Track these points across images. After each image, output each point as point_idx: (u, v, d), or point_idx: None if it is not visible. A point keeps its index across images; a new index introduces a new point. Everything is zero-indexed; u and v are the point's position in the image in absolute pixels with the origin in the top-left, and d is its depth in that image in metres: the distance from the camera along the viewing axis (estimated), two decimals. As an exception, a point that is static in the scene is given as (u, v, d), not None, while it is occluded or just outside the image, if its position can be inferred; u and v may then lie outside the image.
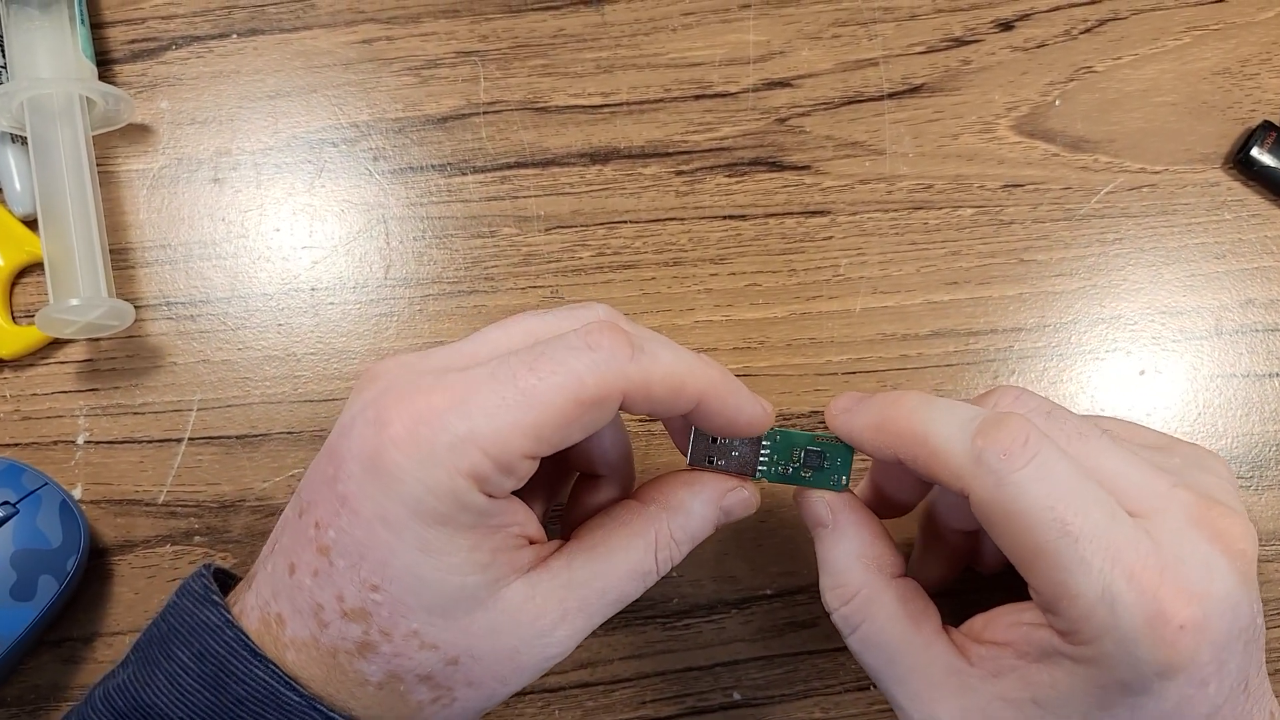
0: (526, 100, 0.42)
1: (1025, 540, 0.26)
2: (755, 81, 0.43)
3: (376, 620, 0.26)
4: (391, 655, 0.26)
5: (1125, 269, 0.42)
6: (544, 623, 0.27)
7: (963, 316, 0.41)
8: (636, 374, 0.26)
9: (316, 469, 0.27)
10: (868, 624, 0.30)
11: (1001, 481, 0.26)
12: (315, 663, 0.26)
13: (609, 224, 0.42)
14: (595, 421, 0.26)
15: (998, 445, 0.26)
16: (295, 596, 0.26)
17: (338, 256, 0.41)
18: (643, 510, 0.29)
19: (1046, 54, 0.44)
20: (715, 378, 0.28)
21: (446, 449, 0.24)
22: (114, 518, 0.39)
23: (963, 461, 0.27)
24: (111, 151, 0.42)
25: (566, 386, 0.25)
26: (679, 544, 0.29)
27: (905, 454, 0.28)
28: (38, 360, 0.40)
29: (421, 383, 0.26)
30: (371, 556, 0.25)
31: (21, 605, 0.35)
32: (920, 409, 0.28)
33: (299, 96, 0.42)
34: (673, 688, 0.38)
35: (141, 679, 0.27)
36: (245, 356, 0.40)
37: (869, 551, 0.30)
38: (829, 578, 0.31)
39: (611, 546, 0.28)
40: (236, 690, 0.26)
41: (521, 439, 0.25)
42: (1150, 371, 0.41)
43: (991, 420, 0.27)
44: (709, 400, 0.28)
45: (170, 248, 0.41)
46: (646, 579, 0.29)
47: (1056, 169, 0.42)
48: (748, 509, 0.31)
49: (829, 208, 0.42)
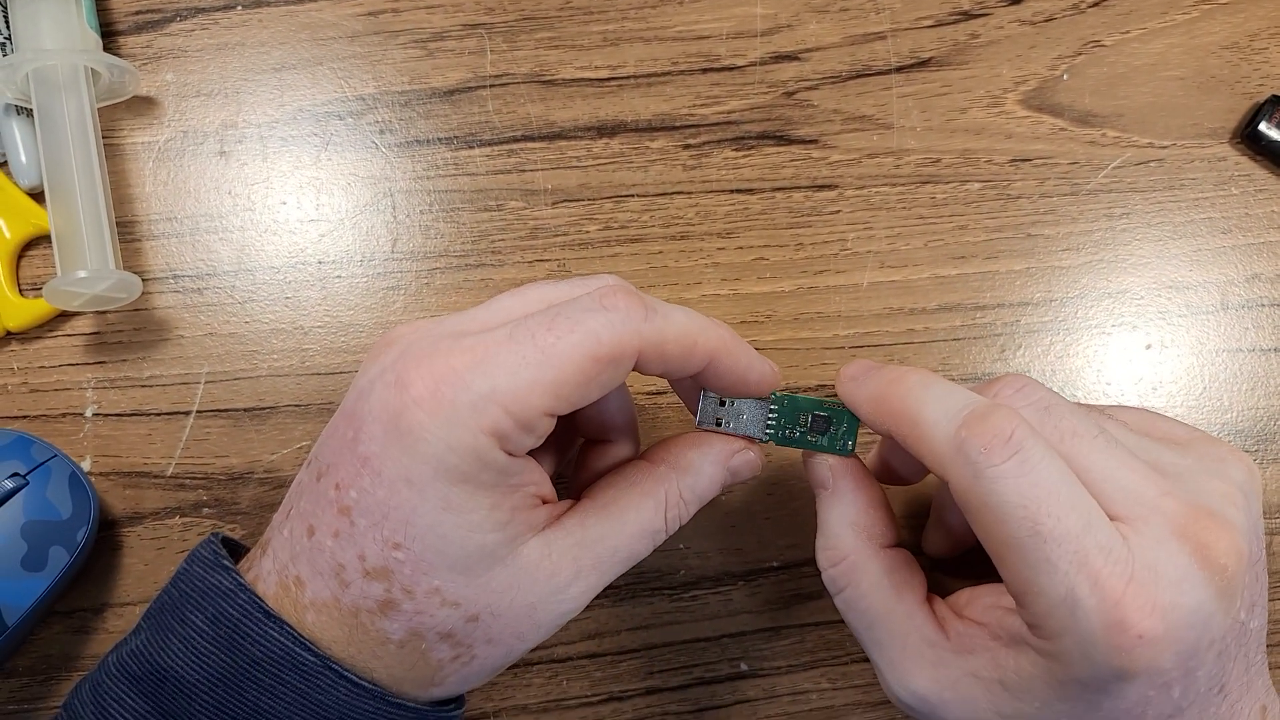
0: (533, 73, 0.42)
1: (996, 533, 0.26)
2: (763, 55, 0.43)
3: (399, 578, 0.26)
4: (414, 613, 0.26)
5: (1132, 244, 0.42)
6: (559, 579, 0.27)
7: (969, 291, 0.41)
8: (651, 332, 0.27)
9: (334, 433, 0.27)
10: (851, 589, 0.30)
11: (978, 474, 0.26)
12: (336, 623, 0.27)
13: (616, 198, 0.41)
14: (612, 379, 0.27)
15: (979, 439, 0.26)
16: (315, 558, 0.27)
17: (344, 230, 0.41)
18: (653, 470, 0.30)
19: (1054, 28, 0.43)
20: (725, 337, 0.29)
21: (468, 408, 0.25)
22: (123, 490, 0.39)
23: (944, 449, 0.27)
24: (117, 124, 0.41)
25: (584, 344, 0.26)
26: (687, 503, 0.30)
27: (896, 432, 0.29)
28: (45, 333, 0.40)
29: (440, 345, 0.26)
30: (394, 515, 0.26)
31: (33, 576, 0.35)
32: (917, 389, 0.29)
33: (304, 69, 0.42)
34: (680, 658, 0.38)
35: (156, 644, 0.27)
36: (253, 329, 0.40)
37: (861, 519, 0.31)
38: (822, 539, 0.31)
39: (623, 505, 0.29)
40: (252, 651, 0.26)
41: (542, 396, 0.25)
42: (1156, 346, 0.41)
43: (979, 412, 0.27)
44: (719, 359, 0.28)
45: (176, 220, 0.41)
46: (656, 537, 0.29)
47: (1064, 143, 0.42)
48: (753, 470, 0.31)
49: (836, 182, 0.42)
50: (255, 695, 0.26)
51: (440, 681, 0.28)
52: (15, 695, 0.37)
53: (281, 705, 0.26)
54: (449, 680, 0.28)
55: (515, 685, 0.38)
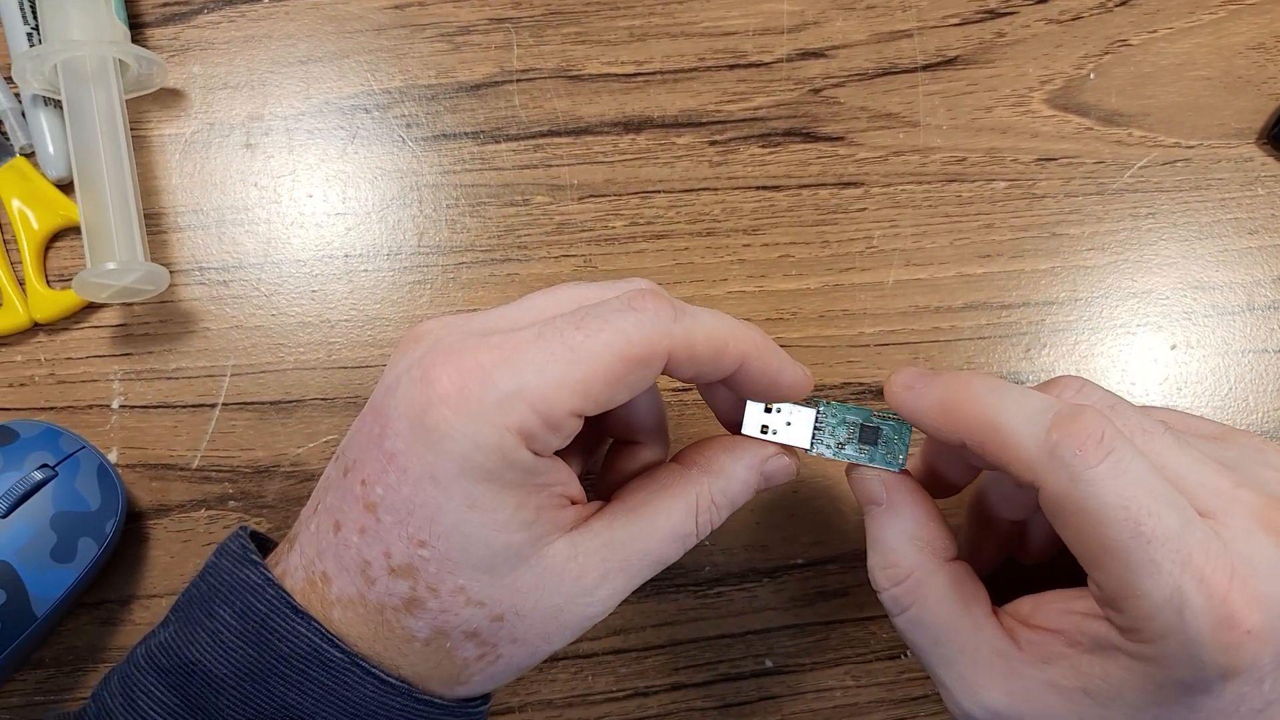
0: (560, 68, 0.42)
1: (1095, 537, 0.25)
2: (789, 51, 0.43)
3: (424, 576, 0.26)
4: (438, 611, 0.26)
5: (1158, 244, 0.42)
6: (586, 581, 0.27)
7: (995, 289, 0.41)
8: (680, 334, 0.26)
9: (361, 428, 0.27)
10: (918, 606, 0.29)
11: (1075, 477, 0.25)
12: (362, 620, 0.27)
13: (642, 193, 0.41)
14: (641, 381, 0.26)
15: (1073, 440, 0.26)
16: (341, 554, 0.27)
17: (371, 223, 0.41)
18: (684, 473, 0.30)
19: (1081, 27, 0.43)
20: (756, 340, 0.28)
21: (494, 405, 0.25)
22: (149, 482, 0.39)
23: (1035, 454, 0.26)
24: (144, 116, 0.41)
25: (614, 344, 0.25)
26: (719, 508, 0.29)
27: (972, 439, 0.28)
28: (72, 324, 0.40)
29: (468, 342, 0.26)
30: (419, 513, 0.25)
31: (63, 567, 0.35)
32: (990, 394, 0.28)
33: (331, 62, 0.42)
34: (705, 655, 0.39)
35: (184, 637, 0.27)
36: (279, 322, 0.40)
37: (923, 533, 0.30)
38: (880, 557, 0.30)
39: (653, 508, 0.29)
40: (279, 647, 0.26)
41: (570, 396, 0.25)
42: (1182, 346, 0.41)
43: (1067, 413, 0.26)
44: (751, 361, 0.28)
45: (203, 213, 0.41)
46: (686, 541, 0.29)
47: (1090, 143, 0.42)
48: (788, 475, 0.31)
49: (862, 179, 0.42)
50: (282, 690, 0.26)
51: (466, 680, 0.27)
52: (42, 686, 0.37)
53: (309, 701, 0.26)
54: (474, 679, 0.27)
55: (541, 680, 0.38)
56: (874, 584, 0.31)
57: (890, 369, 0.40)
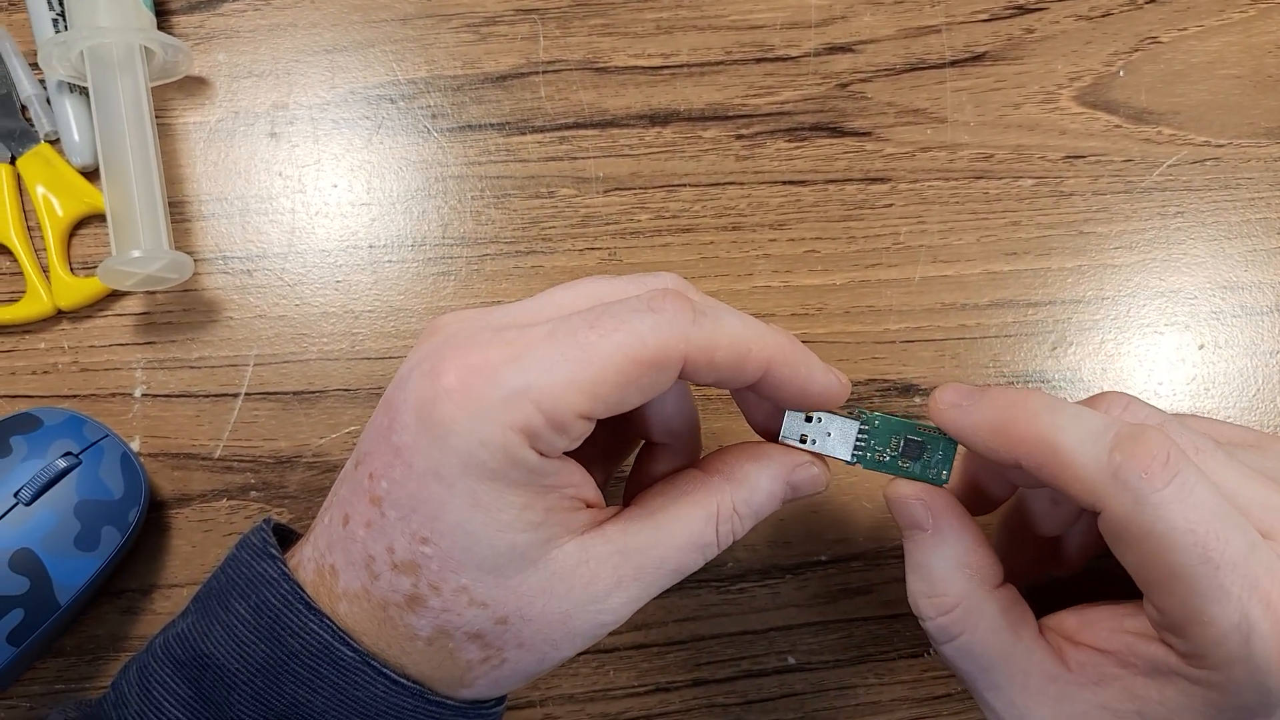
0: (586, 60, 0.42)
1: (1160, 562, 0.25)
2: (817, 46, 0.43)
3: (426, 574, 0.25)
4: (440, 610, 0.25)
5: (1186, 243, 0.42)
6: (597, 588, 0.26)
7: (1022, 287, 0.41)
8: (699, 337, 0.25)
9: (374, 420, 0.27)
10: (967, 635, 0.28)
11: (1141, 501, 0.25)
12: (366, 616, 0.26)
13: (668, 187, 0.41)
14: (654, 385, 0.25)
15: (1137, 462, 0.25)
16: (349, 548, 0.26)
17: (396, 214, 0.41)
18: (706, 480, 0.28)
19: (1111, 23, 0.43)
20: (784, 345, 0.27)
21: (499, 402, 0.24)
22: (171, 471, 0.39)
23: (1098, 476, 0.25)
24: (168, 104, 0.41)
25: (626, 344, 0.25)
26: (742, 517, 0.28)
27: (1029, 460, 0.27)
28: (95, 312, 0.40)
29: (480, 338, 0.25)
30: (422, 509, 0.25)
31: (86, 555, 0.35)
32: (1046, 412, 0.27)
33: (356, 51, 0.42)
34: (727, 651, 0.38)
35: (200, 629, 0.27)
36: (302, 313, 0.40)
37: (971, 560, 0.29)
38: (925, 585, 0.29)
39: (671, 515, 0.28)
40: (292, 644, 0.26)
41: (577, 396, 0.24)
42: (1210, 346, 0.41)
43: (1129, 434, 0.25)
44: (777, 368, 0.27)
45: (227, 201, 0.41)
46: (706, 551, 0.28)
47: (1119, 141, 0.42)
48: (816, 486, 0.30)
49: (889, 175, 0.42)
50: (293, 688, 0.26)
51: (470, 683, 0.27)
52: (63, 675, 0.37)
53: (319, 699, 0.26)
54: (479, 682, 0.27)
55: (562, 675, 0.38)
56: (917, 611, 0.30)
57: (915, 366, 0.40)
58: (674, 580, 0.27)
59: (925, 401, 0.40)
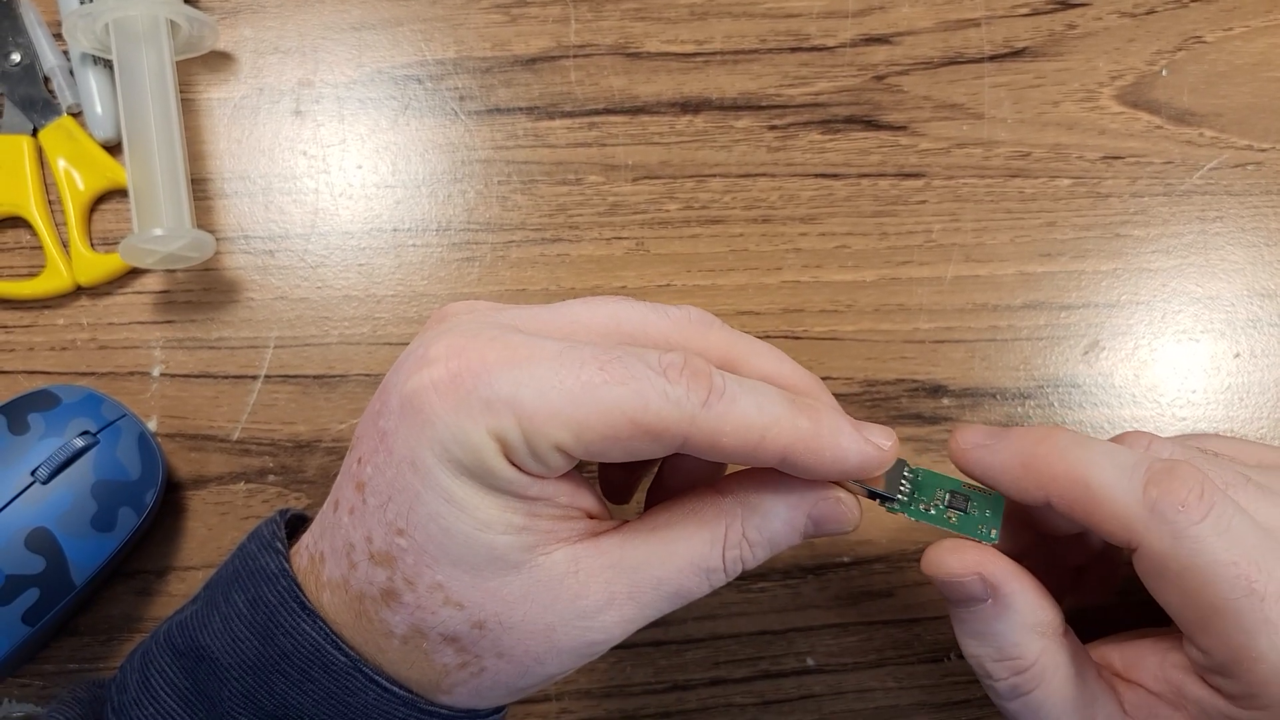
0: (618, 45, 0.41)
1: (1203, 598, 0.24)
2: (853, 36, 0.42)
3: (401, 567, 0.24)
4: (414, 607, 0.24)
5: (1224, 248, 0.41)
6: (586, 603, 0.25)
7: (1055, 289, 0.40)
8: (705, 421, 0.24)
9: (370, 403, 0.26)
10: (1040, 690, 0.28)
11: (1179, 535, 0.24)
12: (345, 607, 0.25)
13: (698, 177, 0.40)
14: (645, 451, 0.24)
15: (1173, 496, 0.24)
16: (334, 535, 0.25)
17: (421, 197, 0.40)
18: (717, 501, 0.26)
19: (1155, 21, 0.42)
20: (804, 431, 0.24)
21: (481, 403, 0.23)
22: (188, 452, 0.38)
23: (1134, 511, 0.25)
24: (192, 78, 0.41)
25: (626, 402, 0.23)
26: (753, 545, 0.26)
27: (1061, 497, 0.26)
28: (115, 289, 0.39)
29: (483, 333, 0.24)
30: (398, 498, 0.24)
31: (103, 536, 0.34)
32: (1076, 449, 0.26)
33: (384, 29, 0.41)
34: (746, 650, 0.38)
35: (200, 619, 0.27)
36: (324, 295, 0.39)
37: (1040, 618, 0.28)
38: (994, 650, 0.28)
39: (673, 534, 0.26)
40: (284, 643, 0.25)
41: (559, 430, 0.23)
42: (1245, 355, 0.40)
43: (1163, 469, 0.25)
44: (796, 456, 0.25)
45: (250, 180, 0.40)
46: (711, 577, 0.26)
47: (1159, 142, 0.41)
48: (842, 524, 0.27)
49: (924, 170, 0.41)
50: (284, 688, 0.25)
51: (448, 689, 0.25)
52: (76, 654, 0.37)
53: (310, 702, 0.25)
54: (457, 690, 0.25)
55: (579, 670, 0.37)
56: (984, 672, 0.28)
57: (945, 366, 0.39)
58: (673, 605, 0.26)
59: (954, 404, 0.39)
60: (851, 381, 0.39)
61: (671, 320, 0.27)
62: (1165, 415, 0.40)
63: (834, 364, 0.39)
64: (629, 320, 0.26)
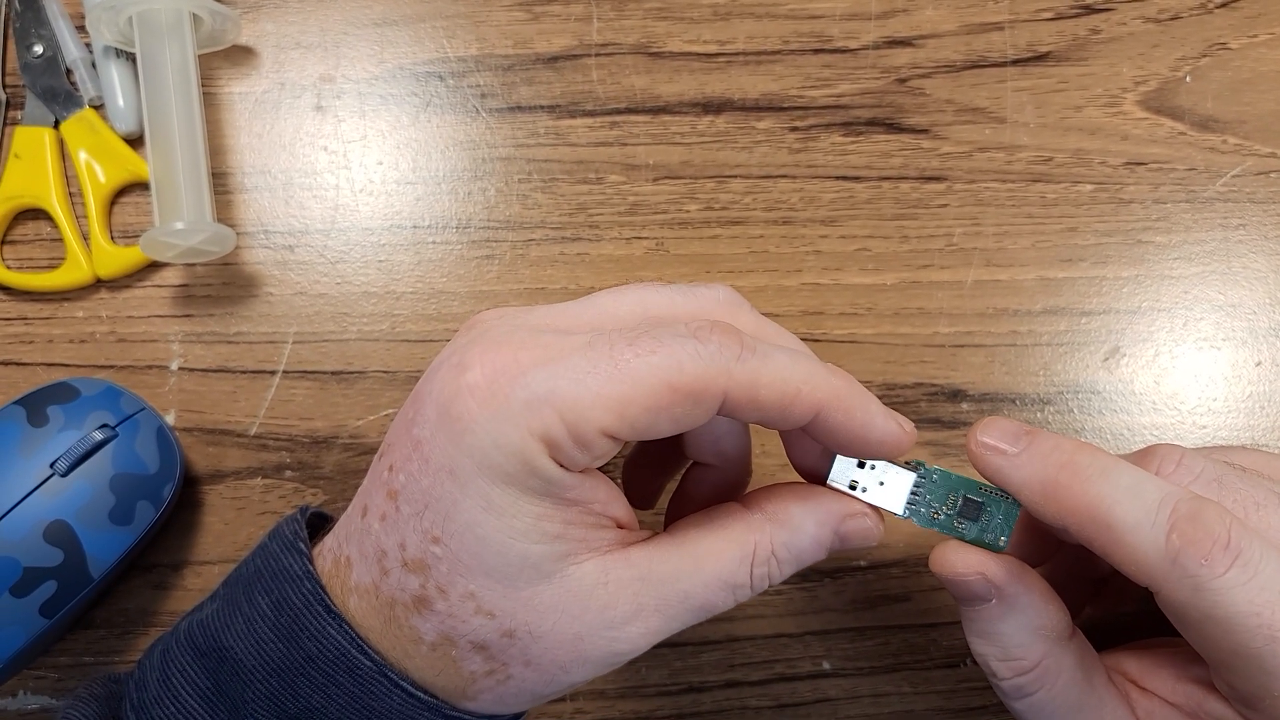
0: (640, 44, 0.41)
1: (1224, 644, 0.24)
2: (876, 39, 0.42)
3: (434, 575, 0.24)
4: (446, 615, 0.24)
5: (1247, 256, 0.41)
6: (614, 614, 0.25)
7: (1076, 295, 0.40)
8: (742, 373, 0.24)
9: (401, 411, 0.26)
10: (1044, 692, 0.28)
11: (1199, 588, 0.24)
12: (374, 612, 0.25)
13: (719, 177, 0.40)
14: (688, 417, 0.24)
15: (1197, 548, 0.24)
16: (364, 540, 0.25)
17: (441, 194, 0.40)
18: (746, 517, 0.27)
19: (1180, 27, 0.42)
20: (839, 388, 0.25)
21: (521, 405, 0.23)
22: (205, 446, 0.38)
23: (1155, 560, 0.24)
24: (214, 72, 0.40)
25: (662, 368, 0.23)
26: (781, 562, 0.26)
27: (1080, 531, 0.26)
28: (134, 282, 0.39)
29: (514, 336, 0.24)
30: (435, 507, 0.24)
31: (120, 530, 0.34)
32: (1098, 480, 0.26)
33: (406, 25, 0.41)
34: (762, 653, 0.38)
35: (223, 619, 0.27)
36: (343, 291, 0.39)
37: (1045, 620, 0.28)
38: (999, 650, 0.28)
39: (704, 549, 0.26)
40: (309, 646, 0.25)
41: (603, 412, 0.23)
42: (1267, 363, 0.40)
43: (1187, 515, 0.24)
44: (830, 413, 0.25)
45: (270, 175, 0.40)
46: (737, 593, 0.26)
47: (1182, 148, 0.41)
48: (867, 540, 0.27)
49: (946, 174, 0.41)
50: (308, 692, 0.25)
51: (474, 696, 0.25)
52: (92, 647, 0.37)
53: (334, 706, 0.25)
54: (482, 696, 0.26)
55: (595, 669, 0.37)
56: (989, 670, 0.28)
57: (965, 371, 0.39)
58: (699, 618, 0.26)
59: (973, 409, 0.39)
60: (870, 385, 0.39)
61: (699, 301, 0.27)
62: (1186, 423, 0.39)
63: (853, 367, 0.39)
64: (656, 304, 0.26)
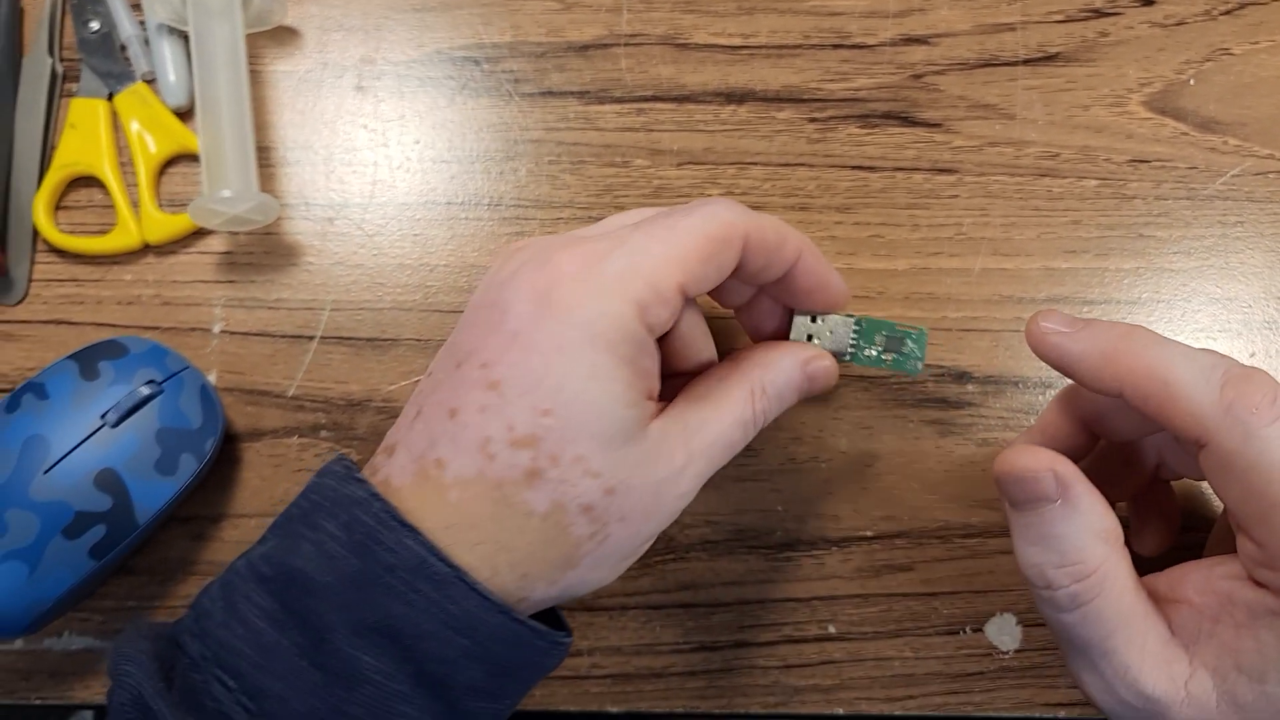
0: (668, 35, 0.43)
1: (1265, 493, 0.26)
2: (893, 36, 0.43)
3: (546, 445, 0.27)
4: (558, 481, 0.27)
5: (1244, 252, 0.42)
6: (676, 461, 0.29)
7: (1078, 285, 0.42)
8: (751, 220, 0.30)
9: (473, 322, 0.29)
10: (1100, 599, 0.28)
11: (1250, 434, 0.26)
12: (479, 499, 0.27)
13: (740, 164, 0.42)
14: (726, 262, 0.29)
15: (1249, 399, 0.26)
16: (458, 435, 0.28)
17: (474, 173, 0.42)
18: (737, 366, 0.32)
19: (1185, 32, 0.44)
20: (808, 240, 0.32)
21: (615, 278, 0.27)
22: (244, 406, 0.40)
23: (1209, 410, 0.27)
24: (260, 51, 0.42)
25: (702, 225, 0.29)
26: (770, 397, 0.32)
27: (1136, 391, 0.28)
28: (180, 248, 0.41)
29: (573, 240, 0.29)
30: (546, 381, 0.27)
31: (165, 479, 0.36)
32: (1157, 347, 0.28)
33: (444, 11, 0.43)
34: (770, 615, 0.40)
35: (286, 548, 0.28)
36: (379, 262, 0.41)
37: (1106, 524, 0.29)
38: (1056, 555, 0.29)
39: (719, 396, 0.31)
40: (386, 558, 0.27)
41: (676, 268, 0.28)
42: (1260, 355, 0.42)
43: (1241, 374, 0.27)
44: (806, 257, 0.32)
45: (312, 150, 0.42)
46: (747, 428, 0.31)
47: (1184, 148, 0.43)
48: (829, 379, 0.33)
49: (957, 167, 0.42)
50: (386, 600, 0.27)
51: (576, 562, 0.28)
52: (134, 593, 0.39)
53: (413, 611, 0.27)
54: (584, 561, 0.28)
55: (611, 627, 0.39)
56: (1044, 580, 0.29)
57: (970, 354, 0.41)
58: (726, 457, 0.30)
59: (978, 390, 0.41)
60: (880, 365, 0.41)
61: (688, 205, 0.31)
62: (1180, 409, 0.41)
63: (864, 347, 0.41)
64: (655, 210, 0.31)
